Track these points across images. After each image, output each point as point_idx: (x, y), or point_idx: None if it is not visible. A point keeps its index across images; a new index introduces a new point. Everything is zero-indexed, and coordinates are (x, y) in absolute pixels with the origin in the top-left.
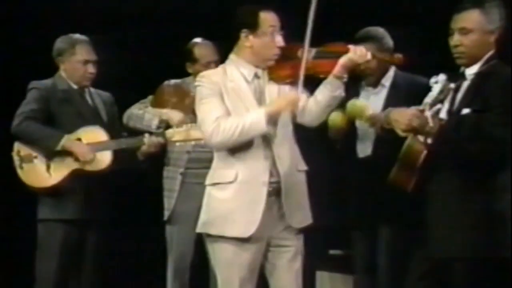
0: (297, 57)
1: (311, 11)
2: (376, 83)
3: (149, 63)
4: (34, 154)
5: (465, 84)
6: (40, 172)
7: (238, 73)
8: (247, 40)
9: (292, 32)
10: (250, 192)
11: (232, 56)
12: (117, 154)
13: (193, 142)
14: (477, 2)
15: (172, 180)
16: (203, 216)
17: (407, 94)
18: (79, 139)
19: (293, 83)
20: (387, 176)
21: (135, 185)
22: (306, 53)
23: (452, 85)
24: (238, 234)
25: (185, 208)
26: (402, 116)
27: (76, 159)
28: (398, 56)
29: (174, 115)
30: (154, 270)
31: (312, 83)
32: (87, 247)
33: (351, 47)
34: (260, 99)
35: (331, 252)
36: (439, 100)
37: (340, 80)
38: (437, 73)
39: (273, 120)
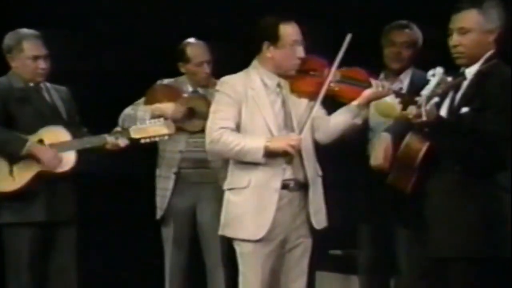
0: (321, 75)
1: (342, 47)
2: (394, 79)
3: (141, 62)
4: None
5: (465, 83)
6: (3, 176)
7: (260, 81)
8: (268, 52)
9: (320, 43)
10: (261, 197)
11: (255, 63)
12: (80, 152)
13: (157, 139)
14: (475, 2)
15: (165, 179)
16: (221, 218)
17: None
18: (41, 140)
19: (313, 99)
20: None
21: (128, 185)
22: (331, 76)
23: (450, 79)
24: (248, 236)
25: (179, 207)
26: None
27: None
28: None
29: (166, 107)
30: (152, 269)
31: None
32: (57, 250)
33: (375, 81)
34: (283, 109)
35: (331, 252)
36: (436, 93)
37: (361, 110)
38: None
39: (270, 154)
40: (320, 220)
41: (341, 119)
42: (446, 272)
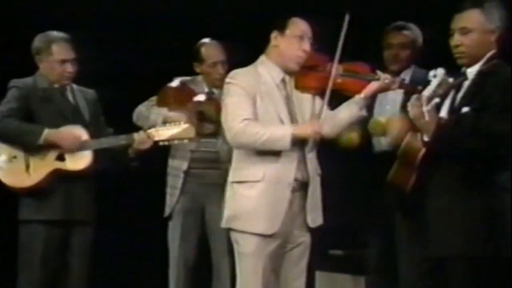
0: (324, 70)
1: (343, 30)
2: (395, 77)
3: (154, 62)
4: (13, 154)
5: (466, 83)
6: (19, 172)
7: (269, 75)
8: (275, 40)
9: (323, 44)
10: (275, 191)
11: (262, 58)
12: (106, 152)
13: (176, 142)
14: (477, 2)
15: (175, 177)
16: (227, 212)
17: None
18: None
19: (317, 94)
20: None
21: (136, 183)
22: (335, 70)
23: (451, 80)
24: (262, 230)
25: (186, 207)
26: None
27: (57, 158)
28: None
29: (179, 117)
30: (156, 268)
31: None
32: (72, 249)
33: (380, 74)
34: (287, 105)
35: (331, 252)
36: (437, 94)
37: (366, 101)
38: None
39: (297, 141)
40: (315, 218)
41: (347, 112)
42: (446, 272)
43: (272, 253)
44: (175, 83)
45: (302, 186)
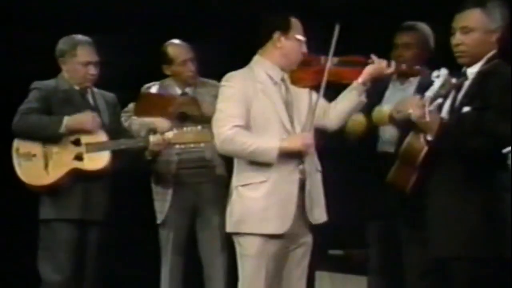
0: (319, 64)
1: (333, 40)
2: (404, 80)
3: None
4: (33, 152)
5: (467, 83)
6: (38, 170)
7: (265, 74)
8: (278, 42)
9: (316, 43)
10: (281, 190)
11: (258, 58)
12: (123, 154)
13: (192, 145)
14: (479, 1)
15: (164, 182)
16: (233, 216)
17: None
18: (78, 139)
19: (314, 87)
20: None
21: (130, 186)
22: (330, 62)
23: (454, 80)
24: (274, 230)
25: (179, 209)
26: (404, 106)
27: (75, 158)
28: (418, 68)
29: (161, 123)
30: (148, 272)
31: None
32: (88, 248)
33: (375, 58)
34: (287, 101)
35: (331, 252)
36: (441, 94)
37: (365, 86)
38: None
39: (283, 154)
40: (317, 215)
41: (347, 100)
42: (446, 272)
43: (276, 254)
44: (151, 89)
45: (302, 185)
